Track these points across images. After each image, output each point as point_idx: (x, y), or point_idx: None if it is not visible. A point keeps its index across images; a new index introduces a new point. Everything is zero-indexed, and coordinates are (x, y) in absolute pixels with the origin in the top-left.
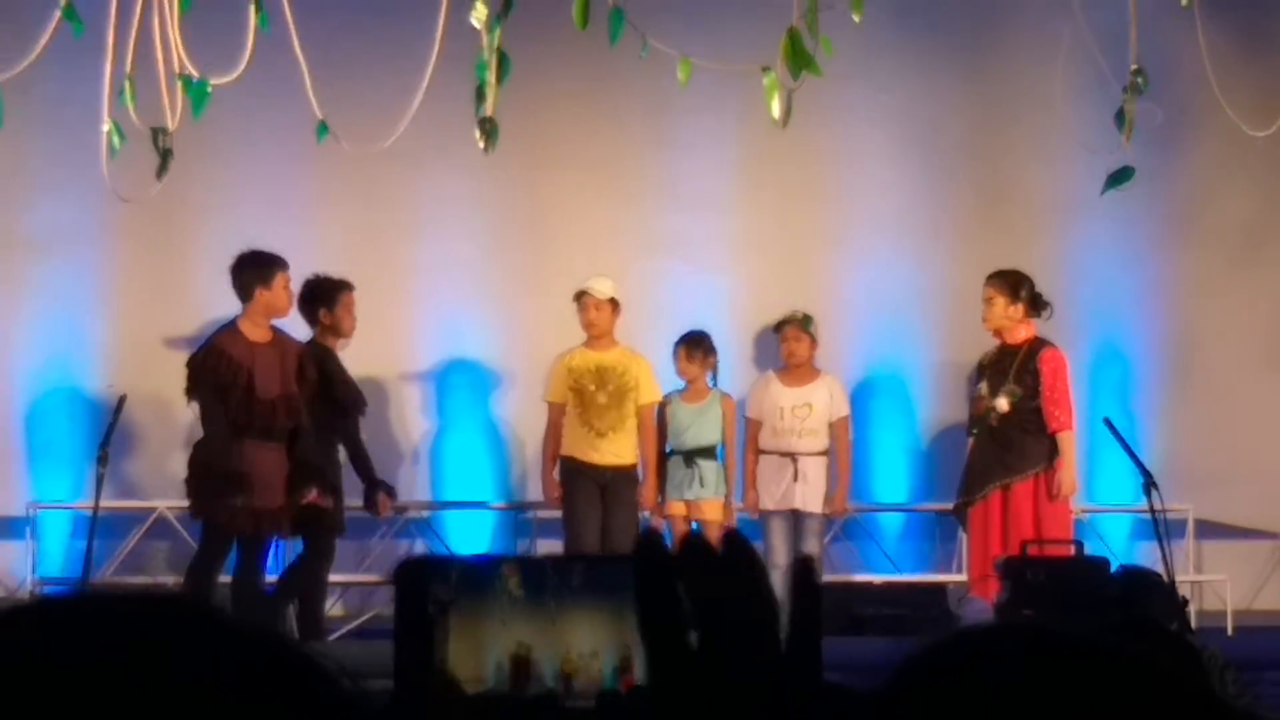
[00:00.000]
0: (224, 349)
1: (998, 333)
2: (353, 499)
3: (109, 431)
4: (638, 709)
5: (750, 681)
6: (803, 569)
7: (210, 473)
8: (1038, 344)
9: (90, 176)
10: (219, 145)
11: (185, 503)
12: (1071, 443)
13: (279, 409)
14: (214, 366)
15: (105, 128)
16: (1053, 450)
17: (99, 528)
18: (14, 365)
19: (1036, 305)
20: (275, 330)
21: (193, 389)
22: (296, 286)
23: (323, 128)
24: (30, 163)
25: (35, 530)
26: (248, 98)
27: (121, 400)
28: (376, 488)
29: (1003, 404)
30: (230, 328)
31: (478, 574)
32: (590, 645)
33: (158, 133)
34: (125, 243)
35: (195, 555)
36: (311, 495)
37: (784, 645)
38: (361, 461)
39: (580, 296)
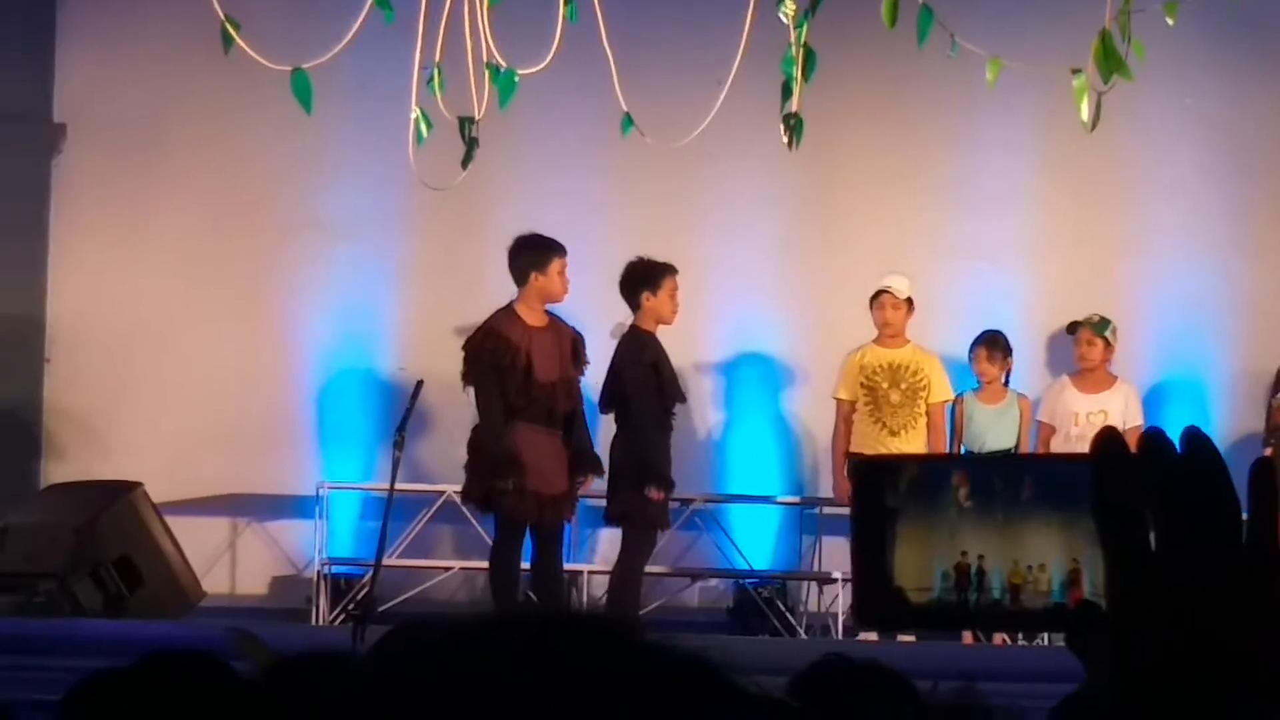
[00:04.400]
0: (501, 331)
1: None
2: None
3: (406, 415)
4: (1088, 621)
5: (1212, 580)
6: (1261, 469)
7: (488, 457)
8: None
9: (393, 162)
10: (522, 134)
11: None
12: None
13: (558, 392)
14: (492, 348)
15: (414, 115)
16: None
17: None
18: (310, 344)
19: None
20: (551, 315)
21: (469, 372)
22: (615, 273)
23: (628, 121)
24: (335, 147)
25: (325, 510)
26: (553, 88)
27: (419, 385)
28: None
29: None
30: (506, 311)
31: (926, 483)
32: (1038, 558)
33: (465, 122)
34: (424, 228)
35: (493, 547)
36: (587, 483)
37: (1244, 546)
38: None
39: (879, 295)
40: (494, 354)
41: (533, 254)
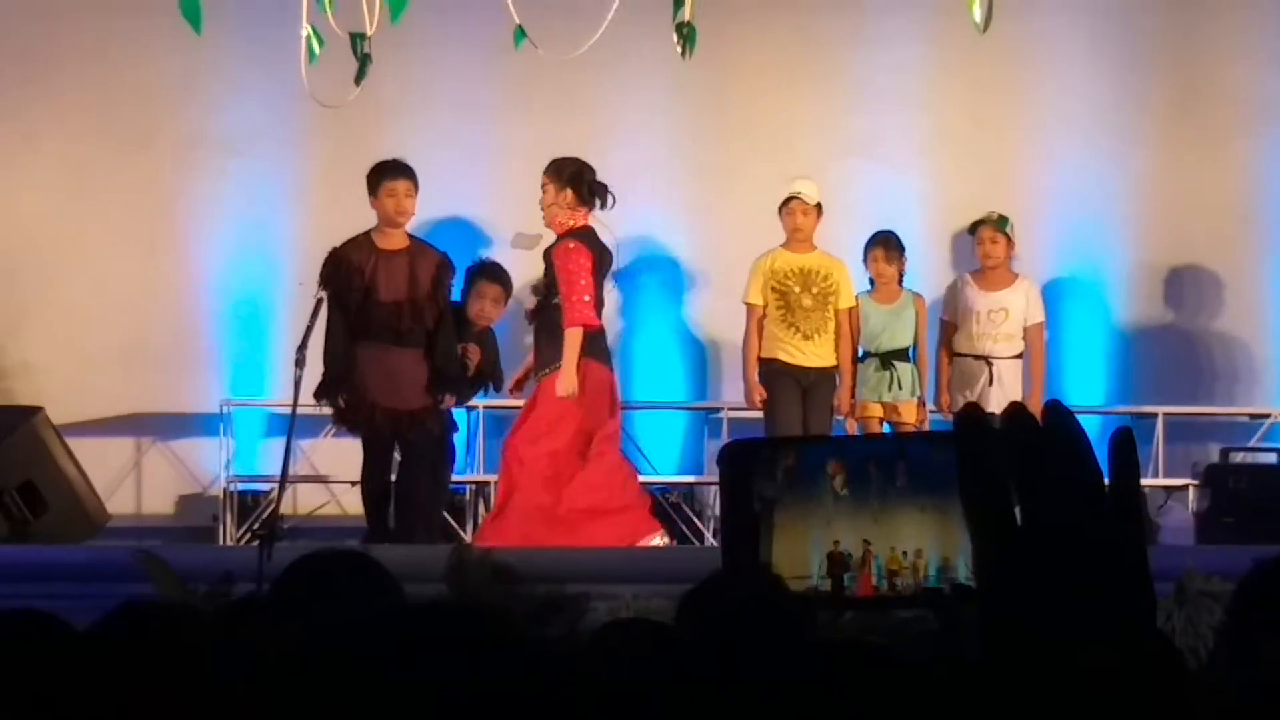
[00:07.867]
0: (345, 255)
1: (548, 223)
2: None
3: (307, 333)
4: (961, 605)
5: (1076, 552)
6: (1121, 438)
7: (332, 378)
8: (562, 237)
9: (287, 79)
10: (414, 48)
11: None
12: (574, 340)
13: (404, 312)
14: (328, 274)
15: (305, 33)
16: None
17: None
18: (208, 261)
19: (593, 194)
20: (414, 238)
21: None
22: (511, 185)
23: (520, 33)
24: (227, 64)
25: (229, 428)
26: (445, 2)
27: (319, 303)
28: None
29: (530, 302)
30: (362, 235)
31: (802, 472)
32: (914, 544)
33: (357, 38)
34: (320, 143)
35: (361, 465)
36: (449, 401)
37: (1106, 515)
38: None
39: (789, 201)
40: (331, 278)
41: (369, 180)
